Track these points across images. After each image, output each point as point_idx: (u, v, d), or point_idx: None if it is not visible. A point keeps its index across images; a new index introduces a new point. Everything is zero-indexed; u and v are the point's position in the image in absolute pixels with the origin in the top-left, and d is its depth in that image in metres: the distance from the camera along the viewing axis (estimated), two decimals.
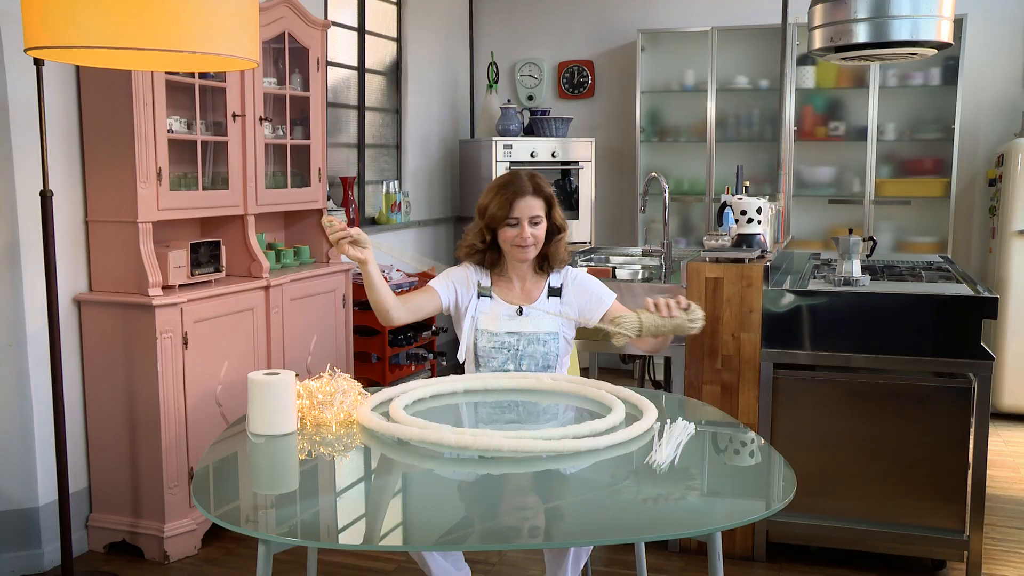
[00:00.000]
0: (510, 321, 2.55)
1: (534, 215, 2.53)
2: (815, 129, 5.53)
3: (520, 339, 2.53)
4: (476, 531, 1.67)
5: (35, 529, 3.14)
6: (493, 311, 2.57)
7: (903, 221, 5.48)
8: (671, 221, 5.91)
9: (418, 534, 1.69)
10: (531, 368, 2.55)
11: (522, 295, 2.61)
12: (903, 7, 3.25)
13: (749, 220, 3.31)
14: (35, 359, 3.10)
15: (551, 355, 2.56)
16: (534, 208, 2.53)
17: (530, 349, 2.53)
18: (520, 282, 2.63)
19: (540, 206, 2.55)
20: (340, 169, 5.12)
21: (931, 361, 3.00)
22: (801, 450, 3.14)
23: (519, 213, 2.52)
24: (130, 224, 3.15)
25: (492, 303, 2.59)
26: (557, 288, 2.63)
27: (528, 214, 2.52)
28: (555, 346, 2.56)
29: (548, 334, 2.55)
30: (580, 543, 2.17)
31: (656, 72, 5.83)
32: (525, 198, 2.52)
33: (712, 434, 2.21)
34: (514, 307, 2.58)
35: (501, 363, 2.54)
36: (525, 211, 2.52)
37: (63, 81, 3.16)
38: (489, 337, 2.54)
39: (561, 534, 1.67)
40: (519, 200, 2.52)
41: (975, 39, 5.30)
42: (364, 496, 1.84)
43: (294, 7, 3.85)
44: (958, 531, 3.03)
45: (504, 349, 2.53)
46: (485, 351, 2.55)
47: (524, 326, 2.54)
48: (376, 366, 4.67)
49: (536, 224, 2.54)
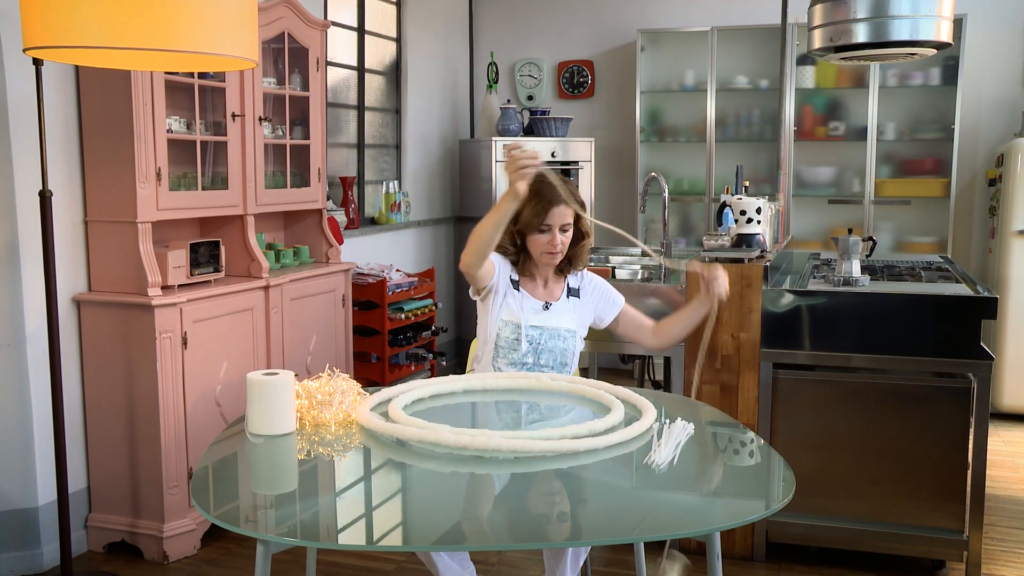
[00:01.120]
0: (535, 315, 2.63)
1: (565, 223, 2.58)
2: (815, 129, 5.53)
3: (543, 333, 2.61)
4: (474, 532, 1.67)
5: (34, 529, 3.14)
6: (520, 304, 2.64)
7: (903, 221, 5.48)
8: (671, 221, 5.92)
9: (416, 534, 1.69)
10: (549, 362, 2.62)
11: (545, 294, 2.70)
12: (903, 7, 3.24)
13: (749, 220, 3.31)
14: (34, 359, 3.10)
15: (569, 352, 2.65)
16: (566, 216, 2.58)
17: (551, 344, 2.61)
18: (543, 281, 2.70)
19: (571, 214, 2.59)
20: (340, 169, 5.12)
21: (930, 361, 3.00)
22: (800, 450, 3.14)
23: (552, 221, 2.56)
24: (129, 224, 3.15)
25: (521, 296, 2.66)
26: (576, 289, 2.73)
27: (560, 222, 2.57)
28: (573, 343, 2.65)
29: (568, 331, 2.64)
30: (578, 544, 2.18)
31: (656, 72, 5.83)
32: (559, 207, 2.56)
33: (711, 434, 2.21)
34: (540, 302, 2.65)
35: (522, 355, 2.60)
36: (557, 219, 2.56)
37: (63, 81, 3.16)
38: (513, 328, 2.60)
39: (559, 535, 1.67)
40: (553, 208, 2.55)
41: (975, 39, 5.30)
42: (363, 496, 1.84)
43: (294, 7, 3.85)
44: (958, 531, 3.03)
45: (528, 341, 2.60)
46: (507, 341, 2.61)
47: (547, 321, 2.63)
48: (376, 366, 4.67)
49: (565, 231, 2.59)
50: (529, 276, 2.69)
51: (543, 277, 2.69)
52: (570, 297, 2.69)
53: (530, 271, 2.68)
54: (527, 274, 2.69)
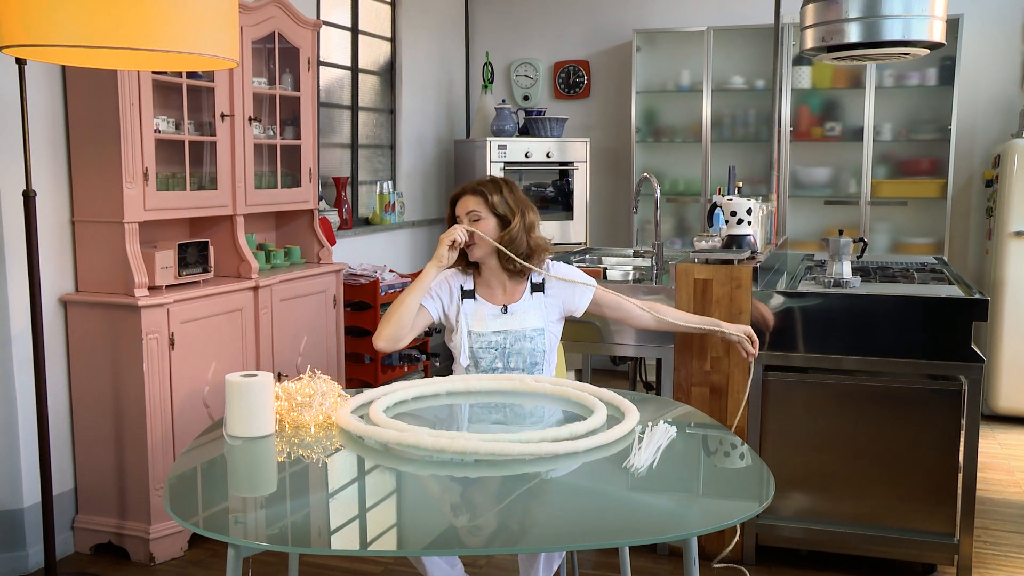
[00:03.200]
0: (495, 320, 2.59)
1: (470, 210, 2.61)
2: (811, 129, 5.50)
3: (507, 337, 2.58)
4: (450, 536, 1.65)
5: (20, 530, 3.12)
6: (478, 312, 2.62)
7: (899, 222, 5.45)
8: (667, 222, 5.90)
9: (392, 538, 1.67)
10: (519, 365, 2.58)
11: (505, 296, 2.65)
12: (895, 7, 3.22)
13: (740, 221, 3.29)
14: (19, 359, 3.08)
15: (538, 351, 2.60)
16: (468, 205, 2.62)
17: (517, 346, 2.57)
18: (500, 283, 2.65)
19: (477, 202, 2.61)
20: (333, 169, 5.10)
21: (921, 363, 2.97)
22: (791, 453, 3.11)
23: (459, 212, 2.64)
24: (116, 224, 3.14)
25: (476, 304, 2.63)
26: (539, 284, 2.66)
27: (464, 211, 2.62)
28: (542, 342, 2.60)
29: (534, 330, 2.59)
30: (550, 549, 2.16)
31: (652, 72, 5.81)
32: (463, 198, 2.64)
33: (694, 437, 2.19)
34: (498, 306, 2.61)
35: (490, 362, 2.57)
36: (462, 209, 2.63)
37: (49, 80, 3.15)
38: (476, 337, 2.58)
39: (530, 539, 1.65)
40: (459, 201, 2.65)
41: (972, 39, 5.27)
42: (340, 499, 1.82)
43: (284, 7, 3.83)
44: (949, 535, 3.00)
45: (492, 348, 2.57)
46: (475, 351, 2.58)
47: (510, 324, 2.59)
48: (369, 367, 4.65)
49: (477, 220, 2.60)
50: (485, 283, 2.66)
51: (498, 278, 2.64)
52: (534, 293, 2.63)
53: (486, 278, 2.66)
54: (483, 281, 2.66)
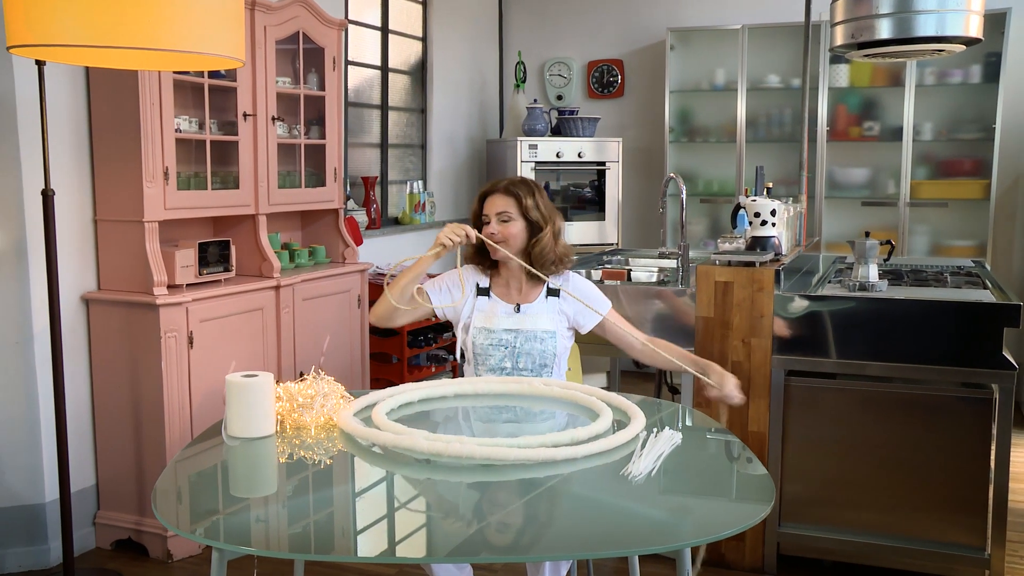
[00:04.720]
0: (508, 319, 2.56)
1: (500, 211, 2.57)
2: (849, 129, 5.37)
3: (518, 336, 2.54)
4: (447, 543, 1.62)
5: (42, 525, 3.16)
6: (491, 309, 2.59)
7: (940, 224, 5.30)
8: (700, 223, 5.81)
9: (387, 544, 1.64)
10: (528, 365, 2.54)
11: (520, 297, 2.62)
12: (928, 1, 3.12)
13: (763, 223, 3.22)
14: (41, 357, 3.12)
15: (548, 353, 2.55)
16: (498, 205, 2.57)
17: (527, 347, 2.53)
18: (517, 283, 2.62)
19: (508, 203, 2.57)
20: (363, 169, 5.11)
21: (950, 371, 2.87)
22: (814, 460, 3.03)
23: (488, 210, 2.59)
24: (136, 223, 3.16)
25: (490, 301, 2.61)
26: (556, 290, 2.62)
27: (494, 210, 2.58)
28: (552, 344, 2.56)
29: (546, 332, 2.55)
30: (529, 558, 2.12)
31: (685, 71, 5.72)
32: (494, 196, 2.60)
33: (700, 444, 2.13)
34: (511, 305, 2.59)
35: (499, 360, 2.54)
36: (491, 208, 2.59)
37: (73, 80, 3.18)
38: (487, 334, 2.55)
39: (522, 548, 1.61)
40: (488, 198, 2.61)
41: (1019, 34, 5.10)
42: (337, 503, 1.80)
43: (309, 6, 3.83)
44: (979, 548, 2.90)
45: (501, 346, 2.54)
46: (482, 348, 2.55)
47: (522, 324, 2.55)
48: (395, 367, 4.65)
49: (505, 221, 2.56)
50: (502, 282, 2.64)
51: (516, 279, 2.62)
52: (549, 297, 2.60)
53: (504, 277, 2.64)
54: (500, 280, 2.64)
